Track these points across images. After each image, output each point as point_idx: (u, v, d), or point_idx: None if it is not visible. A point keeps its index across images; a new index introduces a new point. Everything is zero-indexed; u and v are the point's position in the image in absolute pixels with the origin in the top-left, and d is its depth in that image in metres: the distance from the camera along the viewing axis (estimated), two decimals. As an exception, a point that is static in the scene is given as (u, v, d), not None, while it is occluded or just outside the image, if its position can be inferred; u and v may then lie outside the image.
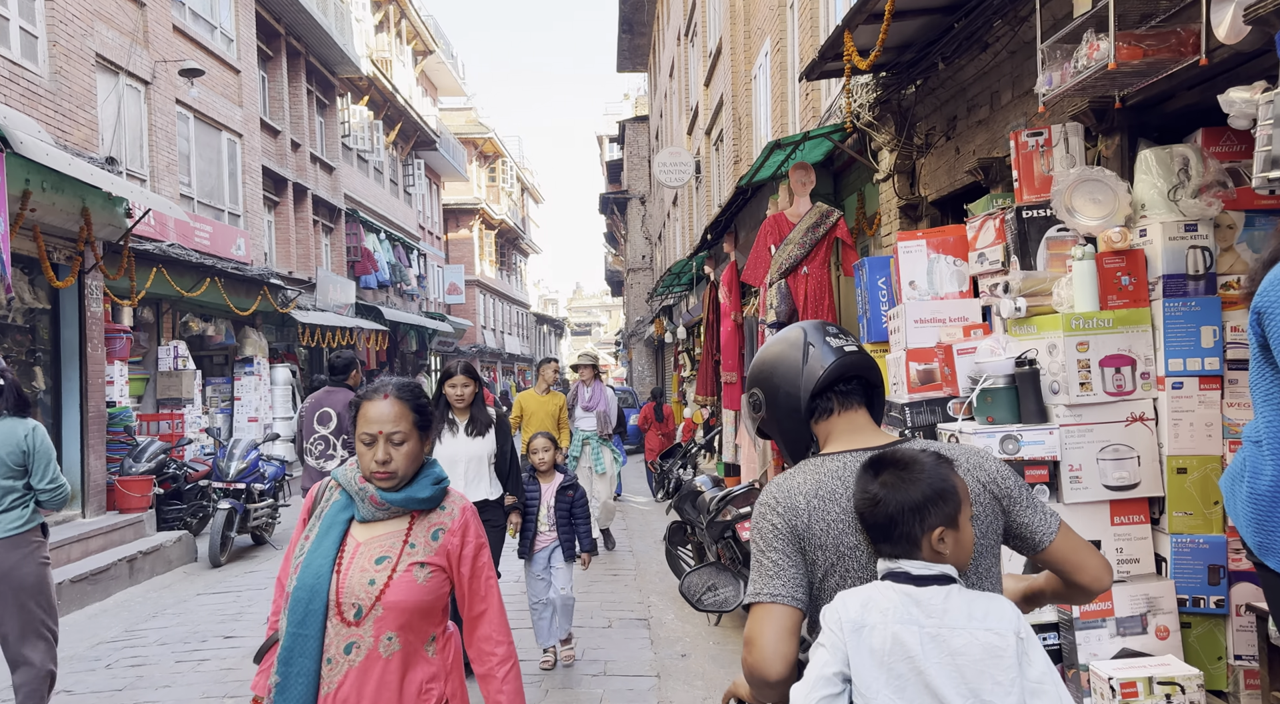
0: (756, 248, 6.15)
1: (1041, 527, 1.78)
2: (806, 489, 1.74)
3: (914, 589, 1.58)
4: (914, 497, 1.60)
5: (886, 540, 1.62)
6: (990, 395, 3.31)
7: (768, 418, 1.93)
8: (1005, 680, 1.55)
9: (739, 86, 11.59)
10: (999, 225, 3.64)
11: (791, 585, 1.69)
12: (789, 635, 1.66)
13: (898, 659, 1.55)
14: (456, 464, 4.97)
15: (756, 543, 1.75)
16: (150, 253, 11.76)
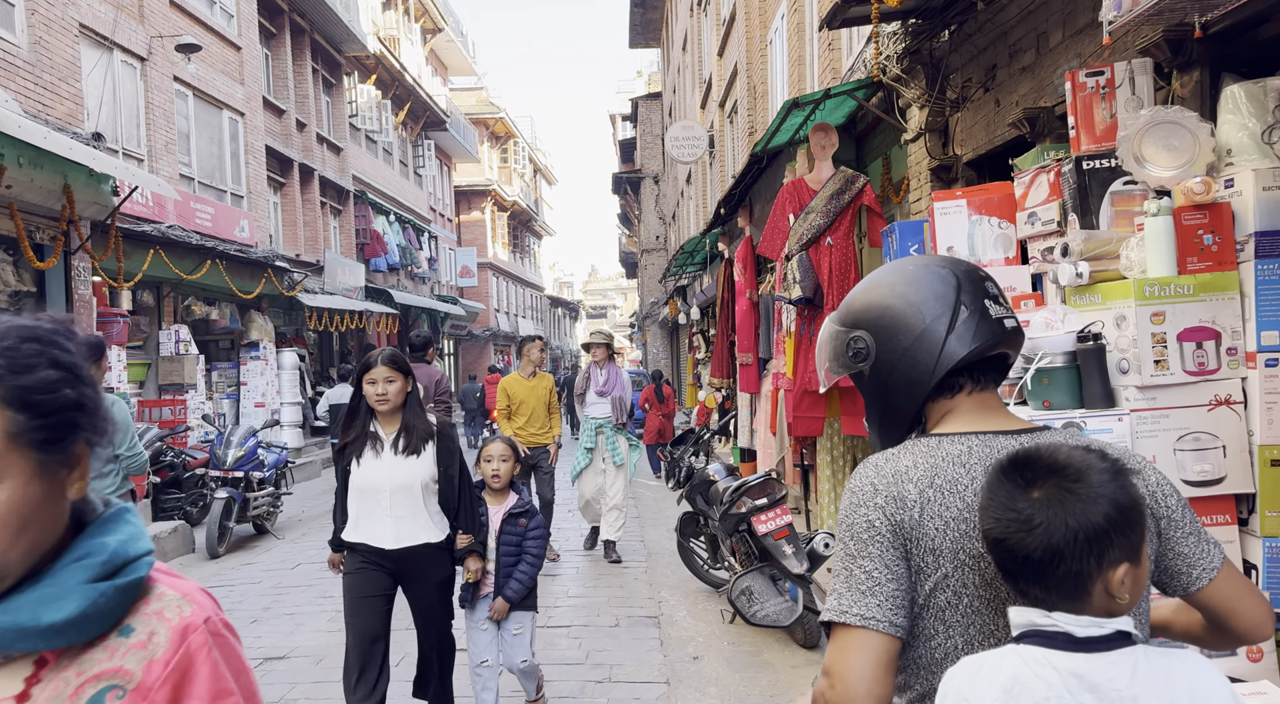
0: (773, 217, 5.68)
1: (1202, 561, 1.37)
2: (919, 475, 1.35)
3: (1081, 661, 1.13)
4: (1094, 520, 1.15)
5: (1039, 582, 1.17)
6: (1047, 376, 2.85)
7: (870, 375, 1.49)
8: None
9: (754, 53, 11.06)
10: (1053, 180, 3.17)
11: (890, 606, 1.30)
12: (885, 672, 1.28)
13: None
14: (379, 496, 3.69)
15: (845, 544, 1.36)
16: (148, 234, 11.42)
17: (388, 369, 3.67)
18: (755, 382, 8.72)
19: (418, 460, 3.72)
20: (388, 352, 3.73)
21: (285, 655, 5.42)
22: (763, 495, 5.49)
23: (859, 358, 1.50)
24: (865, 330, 1.49)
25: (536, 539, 4.06)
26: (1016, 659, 1.17)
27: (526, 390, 7.57)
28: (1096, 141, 3.13)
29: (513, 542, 4.02)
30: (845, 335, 1.52)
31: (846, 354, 1.52)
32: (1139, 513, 1.19)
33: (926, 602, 1.33)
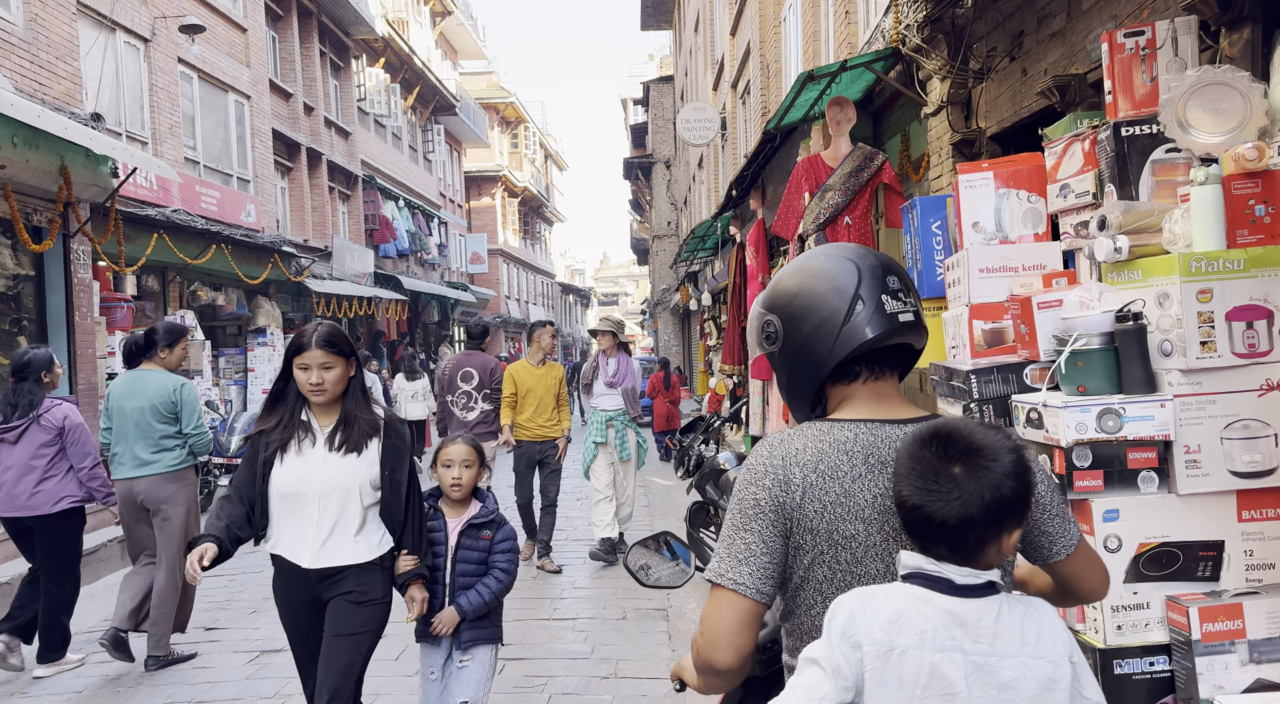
0: (788, 195, 5.46)
1: (1063, 538, 1.58)
2: (805, 459, 1.49)
3: (957, 604, 1.33)
4: (1003, 493, 1.32)
5: (946, 543, 1.34)
6: (1082, 359, 2.64)
7: (778, 356, 1.64)
8: None
9: (767, 31, 10.79)
10: (1088, 149, 2.94)
11: (760, 576, 1.47)
12: (746, 627, 1.47)
13: (934, 696, 1.30)
14: (304, 502, 3.03)
15: (734, 515, 1.51)
16: (152, 218, 11.27)
17: (324, 352, 2.94)
18: (768, 368, 8.52)
19: (357, 460, 3.03)
20: (324, 329, 3.00)
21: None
22: (774, 485, 5.30)
23: (770, 340, 1.63)
24: (776, 314, 1.61)
25: (506, 553, 3.37)
26: (903, 595, 1.34)
27: (535, 379, 7.15)
28: (1136, 107, 2.90)
29: (475, 557, 3.33)
30: (762, 318, 1.65)
31: (761, 335, 1.65)
32: (1034, 488, 1.41)
33: (806, 575, 1.49)
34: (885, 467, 1.48)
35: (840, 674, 1.32)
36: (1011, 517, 1.35)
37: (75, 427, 5.07)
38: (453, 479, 3.37)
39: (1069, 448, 2.53)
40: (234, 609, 6.31)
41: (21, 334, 8.16)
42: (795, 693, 1.37)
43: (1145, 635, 2.51)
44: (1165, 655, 2.48)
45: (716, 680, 1.55)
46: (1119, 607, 2.52)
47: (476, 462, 3.42)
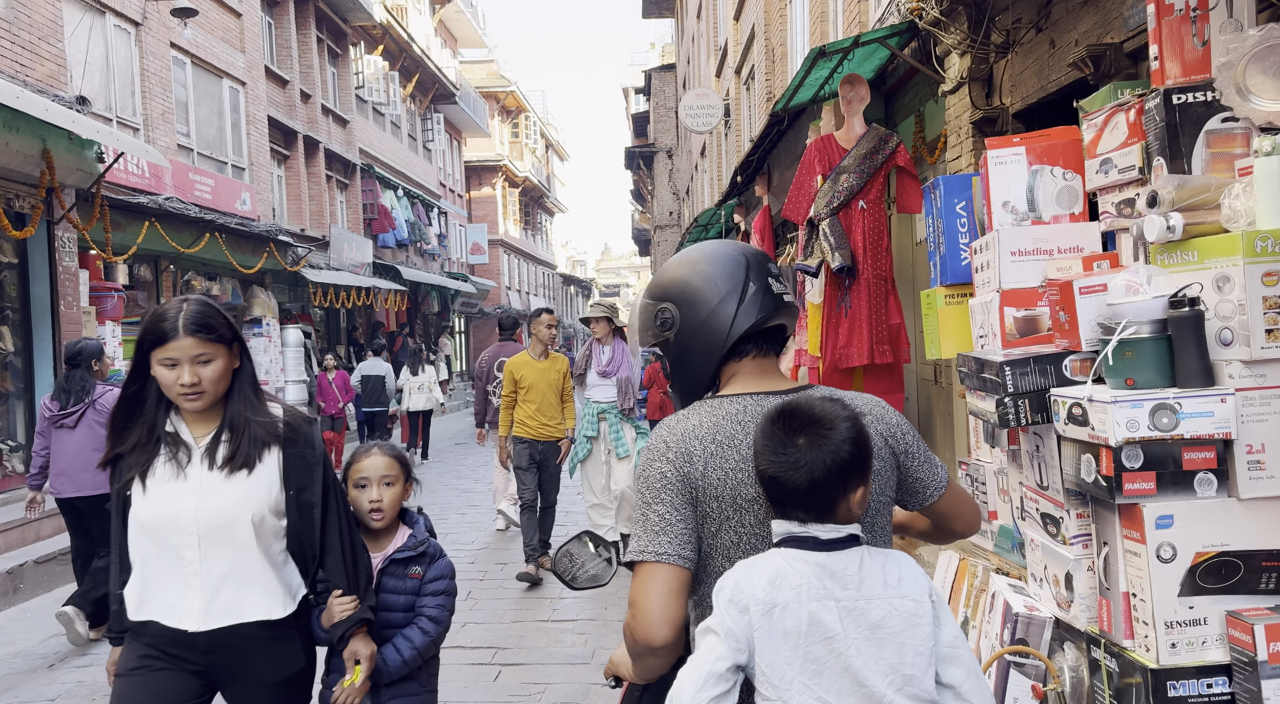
0: (799, 177, 5.20)
1: (933, 482, 1.74)
2: (703, 433, 1.62)
3: (826, 557, 1.48)
4: (842, 456, 1.49)
5: (801, 506, 1.50)
6: (1131, 349, 2.40)
7: (674, 343, 1.74)
8: (924, 650, 1.48)
9: (772, 13, 10.51)
10: (1134, 119, 2.69)
11: (680, 542, 1.56)
12: (676, 597, 1.54)
13: (815, 641, 1.44)
14: (179, 541, 2.22)
15: (643, 494, 1.60)
16: (144, 206, 11.04)
17: (198, 341, 2.16)
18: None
19: (248, 480, 2.23)
20: (194, 309, 2.20)
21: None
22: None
23: (666, 327, 1.72)
24: (671, 302, 1.72)
25: (439, 597, 2.64)
26: (778, 558, 1.48)
27: (536, 373, 6.49)
28: (1185, 74, 2.64)
29: (401, 603, 2.60)
30: (654, 307, 1.74)
31: (655, 324, 1.74)
32: (870, 449, 1.53)
33: (713, 542, 1.59)
34: None
35: (733, 637, 1.44)
36: (854, 476, 1.50)
37: None
38: (371, 502, 2.57)
39: (1118, 447, 2.30)
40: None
41: (4, 323, 7.92)
42: (696, 661, 1.46)
43: (1203, 655, 2.28)
44: (1225, 677, 2.25)
45: (655, 660, 1.56)
46: (1173, 623, 2.29)
47: (401, 476, 2.66)
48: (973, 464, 3.62)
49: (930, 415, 6.06)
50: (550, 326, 6.72)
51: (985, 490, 3.52)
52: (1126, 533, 2.38)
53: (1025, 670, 2.78)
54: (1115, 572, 2.43)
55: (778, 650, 1.43)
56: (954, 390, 5.30)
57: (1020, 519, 3.16)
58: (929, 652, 1.47)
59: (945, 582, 3.61)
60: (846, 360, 5.22)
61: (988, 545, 3.57)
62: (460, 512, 9.58)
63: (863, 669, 1.43)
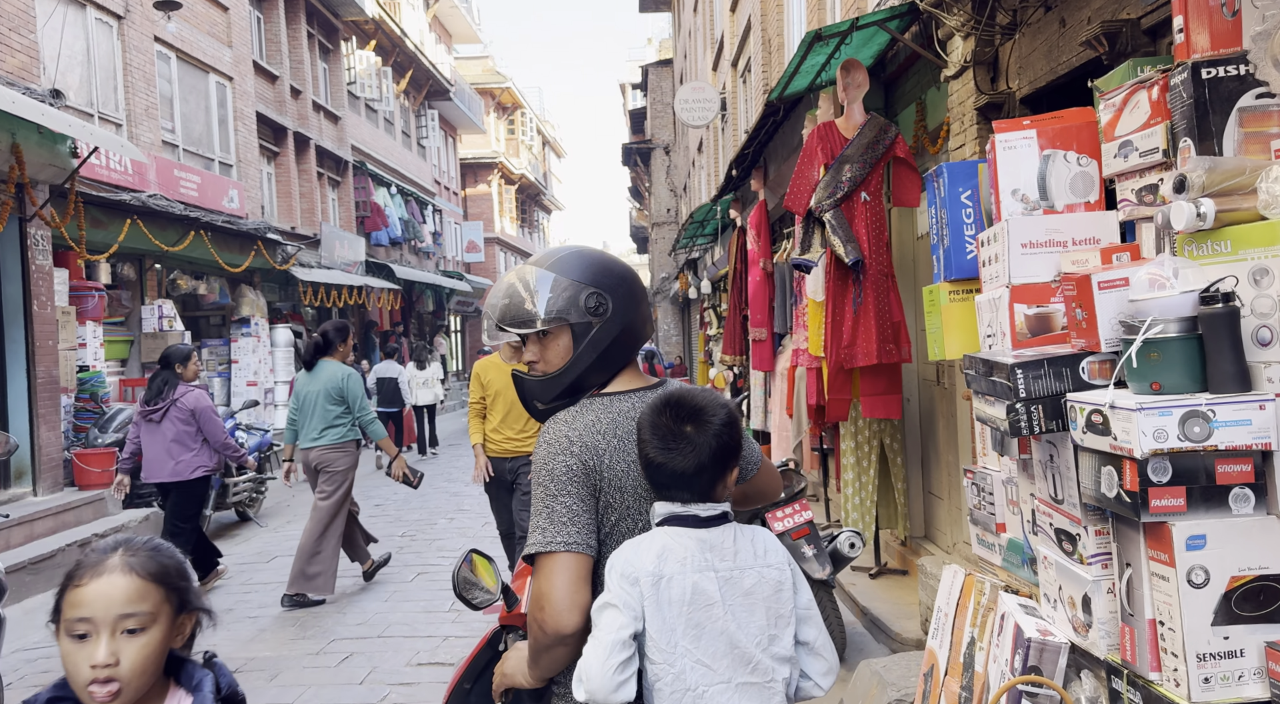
0: (801, 166, 4.97)
1: (752, 457, 1.89)
2: (604, 428, 1.72)
3: (705, 533, 1.63)
4: (724, 440, 1.65)
5: (687, 487, 1.63)
6: (1157, 350, 2.16)
7: (600, 328, 1.79)
8: (787, 612, 1.65)
9: (769, 3, 10.27)
10: (1156, 97, 2.45)
11: (586, 532, 1.65)
12: (584, 584, 1.61)
13: (698, 608, 1.58)
14: None
15: (546, 487, 1.67)
16: (126, 203, 10.78)
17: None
18: (770, 359, 8.04)
19: None
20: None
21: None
22: (778, 488, 4.83)
23: (594, 312, 1.78)
24: (608, 292, 1.78)
25: None
26: (663, 535, 1.63)
27: (505, 379, 5.42)
28: (1214, 47, 2.40)
29: None
30: (585, 289, 1.78)
31: (579, 303, 1.77)
32: (742, 435, 1.73)
33: (612, 531, 1.69)
34: None
35: (629, 607, 1.56)
36: (731, 458, 1.68)
37: (203, 410, 6.22)
38: (95, 669, 1.37)
39: (1144, 459, 2.06)
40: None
41: (-24, 325, 7.69)
42: (599, 634, 1.55)
43: (1239, 690, 2.05)
44: (1266, 715, 2.02)
45: (563, 650, 1.61)
46: (1206, 655, 2.05)
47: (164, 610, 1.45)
48: (978, 472, 3.39)
49: (932, 418, 5.83)
50: None
51: (993, 501, 3.29)
52: (1153, 554, 2.14)
53: (1039, 701, 2.55)
54: (1140, 596, 2.20)
55: (665, 617, 1.56)
56: (957, 392, 5.07)
57: (1032, 534, 2.92)
58: (790, 614, 1.66)
59: (950, 598, 3.38)
60: (852, 360, 4.99)
61: (995, 560, 3.34)
62: (449, 516, 9.34)
63: (737, 632, 1.59)
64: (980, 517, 3.39)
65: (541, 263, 1.84)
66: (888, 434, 5.74)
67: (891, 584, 5.73)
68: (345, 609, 5.96)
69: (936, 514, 5.92)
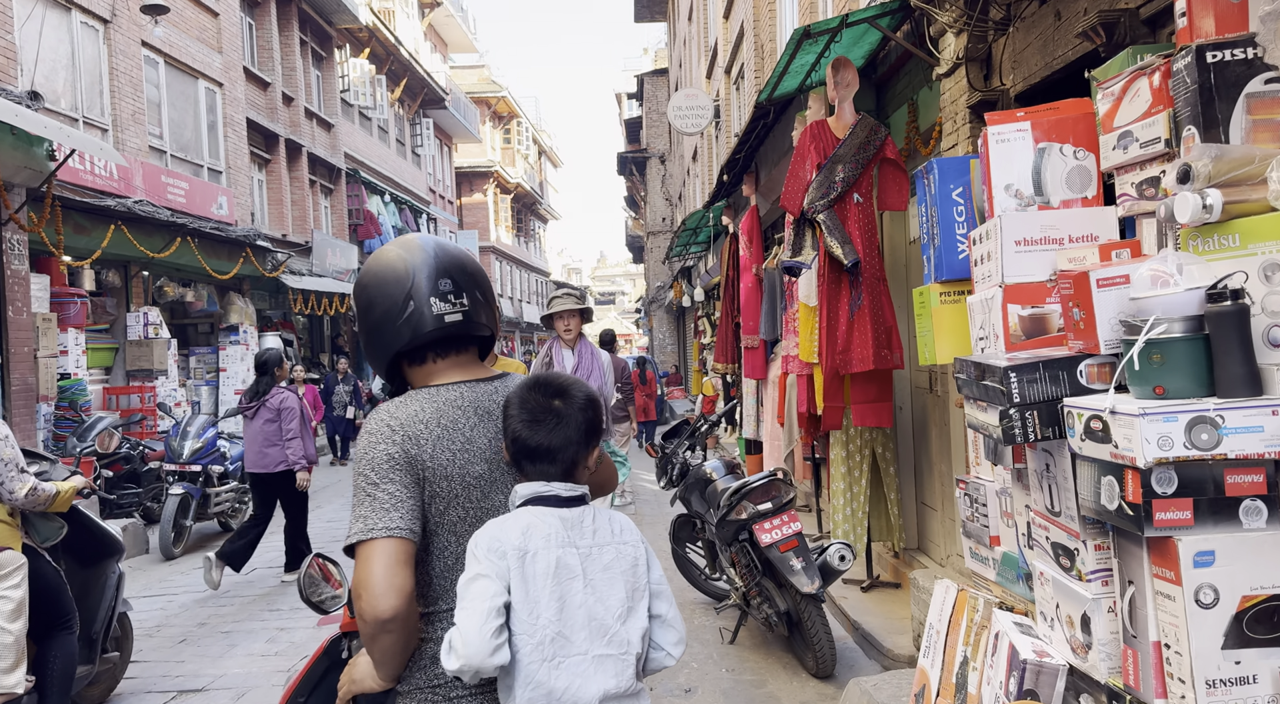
0: (794, 165, 4.83)
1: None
2: (427, 418, 1.72)
3: (566, 512, 1.69)
4: (589, 416, 1.73)
5: (553, 462, 1.70)
6: (1160, 351, 2.01)
7: (360, 330, 1.85)
8: (642, 586, 1.73)
9: (761, 8, 10.17)
10: (1158, 84, 2.31)
11: (410, 518, 1.64)
12: (404, 567, 1.60)
13: (562, 581, 1.63)
14: None
15: (367, 475, 1.65)
16: (111, 209, 10.63)
17: None
18: (762, 366, 7.89)
19: None
20: None
21: (203, 688, 4.64)
22: (766, 499, 4.67)
23: (365, 312, 1.81)
24: (355, 296, 1.83)
25: None
26: (527, 514, 1.69)
27: None
28: (1220, 30, 2.27)
29: None
30: (361, 290, 1.84)
31: (358, 305, 1.84)
32: (602, 415, 1.81)
33: (440, 520, 1.71)
34: (491, 415, 1.78)
35: (499, 577, 1.60)
36: (594, 436, 1.74)
37: (286, 410, 6.68)
38: None
39: (1148, 469, 1.91)
40: (164, 636, 5.67)
41: (-51, 331, 7.52)
42: (472, 602, 1.57)
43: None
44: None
45: (388, 637, 1.59)
46: (1216, 681, 1.90)
47: None
48: (971, 483, 3.24)
49: (925, 426, 5.68)
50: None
51: (986, 513, 3.13)
52: (1157, 571, 1.99)
53: (1035, 727, 2.39)
54: (1143, 617, 2.04)
55: (529, 591, 1.61)
56: (951, 400, 4.92)
57: (1027, 548, 2.76)
58: (645, 588, 1.73)
59: (943, 613, 3.22)
60: (847, 366, 4.83)
61: (989, 574, 3.18)
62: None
63: (596, 605, 1.65)
64: (973, 529, 3.24)
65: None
66: (880, 443, 5.59)
67: (884, 598, 5.57)
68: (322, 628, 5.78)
69: (930, 525, 5.76)
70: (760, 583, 4.76)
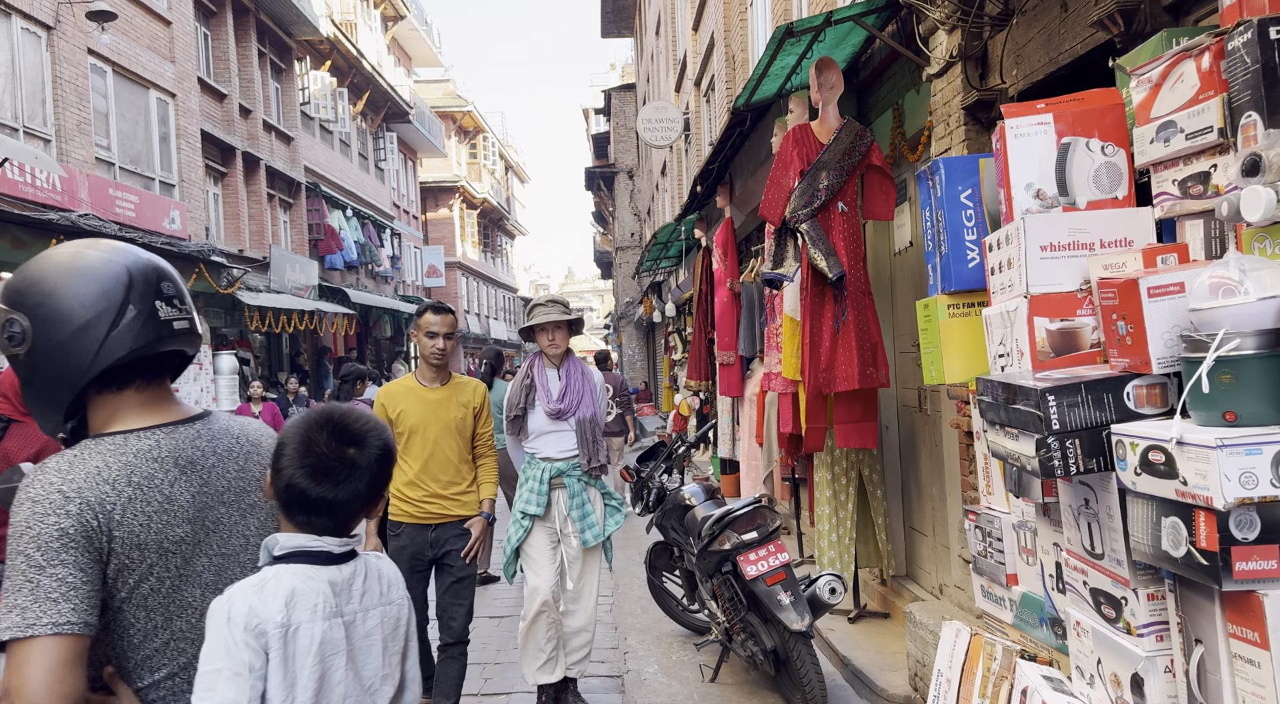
0: (775, 173, 4.55)
1: None
2: (114, 475, 1.41)
3: (335, 572, 1.51)
4: (385, 467, 1.57)
5: (332, 517, 1.51)
6: (1230, 370, 1.73)
7: (24, 360, 1.45)
8: (400, 649, 1.62)
9: (732, 18, 9.95)
10: (1208, 66, 2.04)
11: (86, 608, 1.33)
12: (74, 668, 1.30)
13: (325, 657, 1.47)
14: None
15: (30, 556, 1.31)
16: (53, 223, 10.11)
17: None
18: (738, 384, 7.59)
19: None
20: None
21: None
22: (751, 528, 4.34)
23: (15, 342, 1.46)
24: (25, 313, 1.45)
25: None
26: (291, 576, 1.46)
27: (426, 409, 3.94)
28: (1274, 7, 2.00)
29: None
30: (4, 315, 1.47)
31: (2, 335, 1.47)
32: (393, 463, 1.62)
33: (130, 595, 1.41)
34: (195, 467, 1.51)
35: (253, 669, 1.39)
36: (382, 488, 1.58)
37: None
38: None
39: (1226, 510, 1.62)
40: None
41: None
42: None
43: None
44: None
45: None
46: (1312, 763, 1.60)
47: None
48: (983, 514, 2.94)
49: (914, 447, 5.40)
50: (436, 333, 3.94)
51: (1001, 548, 2.83)
52: (1235, 631, 1.69)
53: (1079, 805, 2.08)
54: (1216, 683, 1.74)
55: (288, 671, 1.43)
56: (943, 419, 4.64)
57: (1056, 591, 2.46)
58: (406, 646, 1.63)
59: (954, 661, 2.90)
60: (831, 384, 4.54)
61: (1004, 616, 2.88)
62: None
63: (355, 678, 1.51)
64: (986, 566, 2.93)
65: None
66: (867, 465, 5.30)
67: (873, 629, 5.26)
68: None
69: (919, 552, 5.47)
70: (745, 618, 4.43)
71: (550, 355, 4.33)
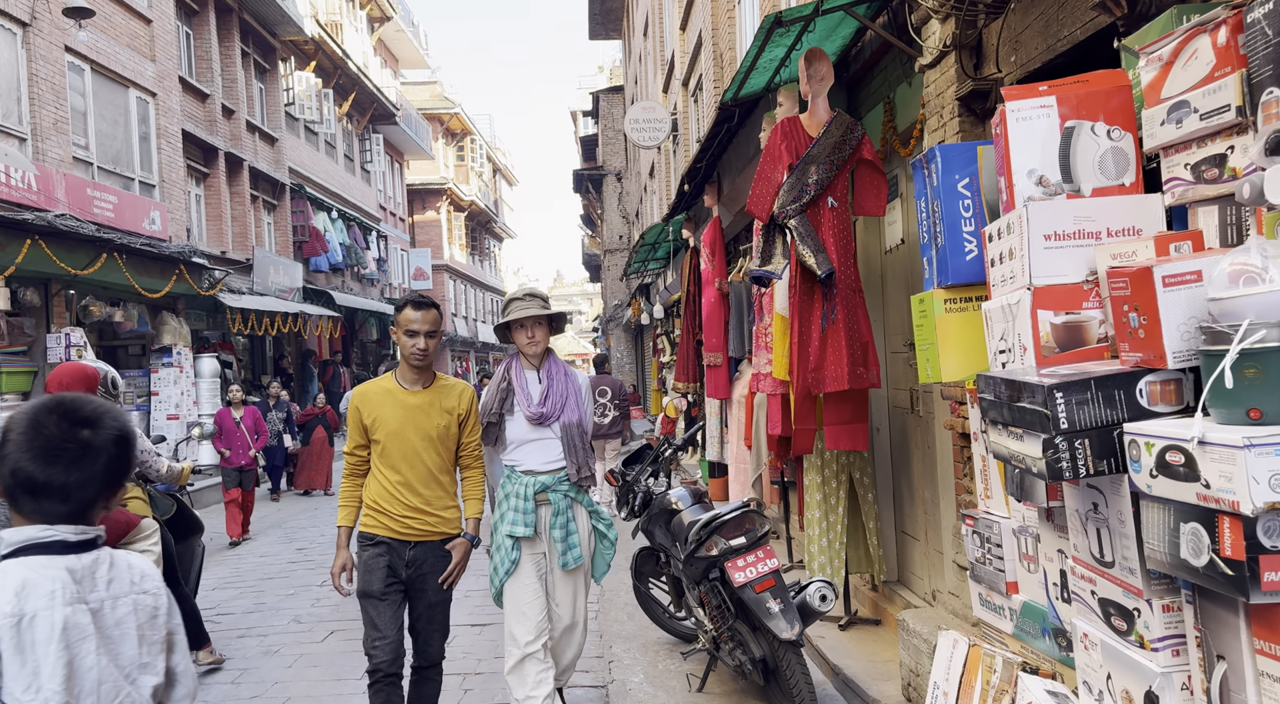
0: (764, 166, 4.42)
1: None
2: None
3: (74, 560, 1.49)
4: (124, 451, 1.54)
5: (65, 501, 1.48)
6: (1256, 364, 1.60)
7: None
8: (160, 639, 1.58)
9: (720, 16, 9.84)
10: (1224, 41, 1.92)
11: None
12: None
13: (71, 644, 1.44)
14: None
15: None
16: (28, 223, 9.90)
17: None
18: (726, 385, 7.46)
19: None
20: None
21: None
22: (739, 533, 4.20)
23: None
24: None
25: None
26: (21, 567, 1.44)
27: (404, 414, 3.58)
28: (1292, -22, 1.88)
29: None
30: None
31: None
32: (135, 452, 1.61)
33: None
34: None
35: None
36: (124, 473, 1.56)
37: None
38: None
39: (1255, 516, 1.48)
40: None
41: None
42: None
43: None
44: None
45: None
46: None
47: None
48: (981, 519, 2.81)
49: (905, 450, 5.27)
50: (417, 332, 3.56)
51: (1000, 554, 2.70)
52: (1262, 647, 1.56)
53: (1090, 831, 1.95)
54: (1241, 703, 1.61)
55: (28, 661, 1.40)
56: (936, 421, 4.52)
57: (1060, 601, 2.33)
58: (162, 641, 1.59)
59: (951, 673, 2.77)
60: (820, 384, 4.41)
61: (1004, 626, 2.74)
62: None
63: (109, 665, 1.48)
64: (984, 573, 2.80)
65: None
66: (857, 468, 5.16)
67: (864, 636, 5.13)
68: (240, 678, 5.18)
69: (911, 556, 5.34)
70: (733, 626, 4.29)
71: (529, 355, 3.95)
